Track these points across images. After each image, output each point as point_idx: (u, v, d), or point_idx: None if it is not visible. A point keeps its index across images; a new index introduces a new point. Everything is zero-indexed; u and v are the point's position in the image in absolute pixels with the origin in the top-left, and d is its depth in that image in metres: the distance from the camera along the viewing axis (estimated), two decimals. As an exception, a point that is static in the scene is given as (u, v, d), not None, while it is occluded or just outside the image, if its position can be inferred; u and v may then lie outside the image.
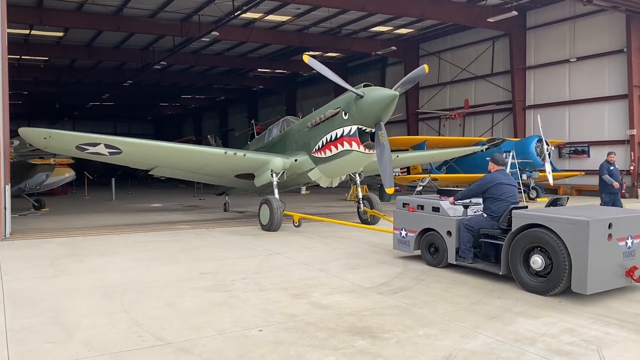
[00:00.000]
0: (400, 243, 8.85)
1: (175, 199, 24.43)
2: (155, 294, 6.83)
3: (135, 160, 12.95)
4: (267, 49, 34.39)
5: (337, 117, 11.59)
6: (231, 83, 45.44)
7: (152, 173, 13.89)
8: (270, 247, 10.30)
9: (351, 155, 11.50)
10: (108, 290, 7.00)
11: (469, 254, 7.74)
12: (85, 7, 23.89)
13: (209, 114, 63.77)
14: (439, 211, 8.16)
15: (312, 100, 43.04)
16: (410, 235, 8.60)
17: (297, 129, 13.38)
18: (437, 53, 31.73)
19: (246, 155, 12.98)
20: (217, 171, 13.76)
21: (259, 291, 6.93)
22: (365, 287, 7.15)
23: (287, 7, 24.78)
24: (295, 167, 12.93)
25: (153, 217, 16.39)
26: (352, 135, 11.16)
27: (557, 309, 6.13)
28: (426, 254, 8.42)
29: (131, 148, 12.11)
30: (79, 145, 11.45)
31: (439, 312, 6.01)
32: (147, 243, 10.93)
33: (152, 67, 33.10)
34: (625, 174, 22.83)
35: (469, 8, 24.77)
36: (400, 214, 8.86)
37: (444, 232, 8.02)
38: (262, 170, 13.15)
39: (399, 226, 8.84)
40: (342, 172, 12.89)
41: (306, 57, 11.23)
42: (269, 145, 14.82)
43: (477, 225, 7.72)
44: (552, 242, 6.44)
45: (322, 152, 12.08)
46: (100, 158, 12.34)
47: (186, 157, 12.99)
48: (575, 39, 24.75)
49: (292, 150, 13.27)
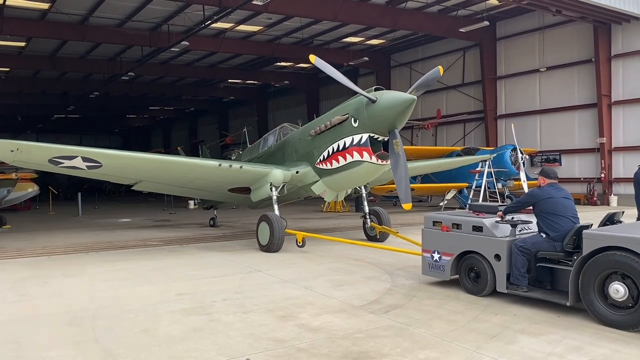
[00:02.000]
0: (431, 268, 7.59)
1: (144, 214, 23.63)
2: (129, 319, 6.29)
3: (116, 175, 11.57)
4: (238, 59, 33.97)
5: (345, 125, 10.39)
6: (201, 94, 44.81)
7: (136, 188, 12.51)
8: (250, 264, 9.82)
9: (362, 167, 10.30)
10: (76, 316, 6.43)
11: (523, 281, 6.60)
12: (48, 15, 23.07)
13: (178, 126, 62.82)
14: (482, 231, 6.99)
15: (284, 111, 42.80)
16: (446, 259, 7.38)
17: (298, 138, 12.04)
18: (408, 64, 31.84)
19: (243, 167, 11.63)
20: (209, 185, 12.49)
21: (242, 313, 6.46)
22: (355, 305, 6.75)
23: (259, 17, 24.48)
24: (296, 180, 11.72)
25: (122, 233, 15.67)
26: (363, 145, 10.03)
27: (558, 325, 5.85)
28: (466, 281, 7.24)
29: (112, 161, 10.67)
30: (53, 159, 10.01)
31: (436, 332, 5.66)
32: (118, 262, 10.31)
33: (120, 78, 32.27)
34: (596, 182, 23.17)
35: (441, 19, 24.89)
36: (430, 234, 7.63)
37: (490, 256, 6.85)
38: (259, 183, 11.93)
39: (429, 248, 7.60)
40: (350, 185, 11.76)
41: (313, 57, 10.22)
42: (265, 155, 13.48)
43: (535, 247, 6.62)
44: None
45: (328, 163, 10.86)
46: (76, 172, 10.96)
47: (174, 170, 11.57)
48: (544, 49, 25.10)
49: (292, 161, 11.99)
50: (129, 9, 23.08)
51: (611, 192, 22.87)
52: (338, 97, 37.62)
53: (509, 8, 24.28)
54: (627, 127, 22.61)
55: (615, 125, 22.90)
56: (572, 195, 7.23)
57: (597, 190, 23.12)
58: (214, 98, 47.74)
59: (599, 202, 22.74)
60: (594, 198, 22.97)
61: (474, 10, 24.36)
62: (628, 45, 22.49)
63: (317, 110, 37.72)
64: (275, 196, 11.65)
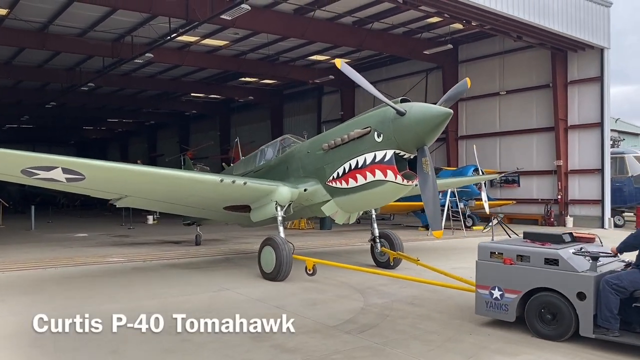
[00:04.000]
0: (490, 307, 6.51)
1: (101, 228, 22.89)
2: (95, 339, 6.00)
3: (99, 189, 10.16)
4: (202, 73, 33.61)
5: (366, 139, 9.22)
6: (162, 107, 44.05)
7: (120, 204, 10.97)
8: (218, 282, 9.60)
9: (385, 187, 9.14)
10: (37, 337, 6.07)
11: (614, 324, 5.74)
12: (6, 22, 22.26)
13: (136, 139, 61.50)
14: (558, 264, 6.07)
15: (247, 126, 42.55)
16: (510, 297, 6.34)
17: (306, 151, 10.77)
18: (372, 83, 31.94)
19: (247, 183, 10.25)
20: (204, 202, 11.11)
21: (214, 333, 6.23)
22: (329, 325, 6.66)
23: (225, 32, 24.31)
24: (302, 199, 10.50)
25: (80, 248, 15.09)
26: (387, 163, 8.90)
27: (533, 345, 5.91)
28: (537, 323, 6.18)
29: (98, 173, 9.17)
30: (27, 169, 8.53)
31: (413, 352, 5.63)
32: (78, 279, 9.91)
33: (79, 88, 31.38)
34: (553, 203, 23.88)
35: (406, 40, 25.32)
36: (488, 267, 6.58)
37: (572, 294, 5.90)
38: (262, 201, 10.59)
39: (487, 284, 6.54)
40: (368, 206, 10.68)
41: (339, 62, 9.29)
42: (264, 169, 12.07)
43: (633, 285, 5.76)
44: None
45: (343, 181, 9.68)
46: (51, 185, 9.55)
47: (169, 185, 10.09)
48: (505, 72, 25.88)
49: (297, 177, 10.75)
50: (92, 19, 22.51)
51: (567, 213, 23.58)
52: (302, 114, 37.80)
53: (472, 32, 24.93)
54: (582, 150, 23.43)
55: (571, 148, 23.71)
56: (529, 216, 7.17)
57: (554, 212, 23.79)
58: (175, 111, 47.01)
59: (555, 223, 23.38)
60: (551, 219, 23.61)
61: (437, 34, 24.91)
62: (583, 72, 23.43)
63: (281, 127, 37.70)
64: (281, 216, 10.40)
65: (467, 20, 20.45)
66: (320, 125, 36.05)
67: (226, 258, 13.03)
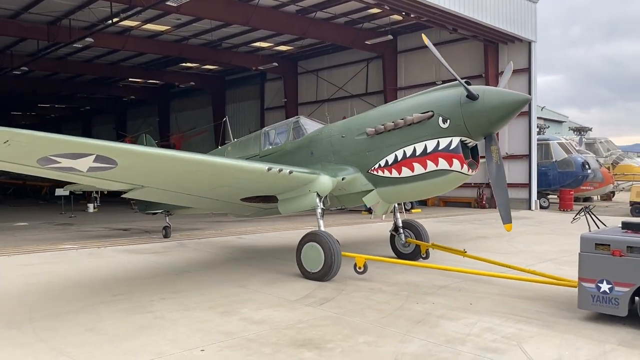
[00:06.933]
0: (597, 301, 6.15)
1: (41, 217, 22.28)
2: (69, 319, 6.30)
3: (122, 180, 8.24)
4: (140, 58, 33.04)
5: (428, 124, 8.38)
6: (98, 92, 42.88)
7: (131, 196, 9.22)
8: (178, 266, 9.95)
9: (447, 178, 8.35)
10: (12, 319, 6.31)
11: None
12: None
13: (70, 125, 59.40)
14: None
15: (188, 112, 42.16)
16: (620, 291, 5.99)
17: (340, 135, 9.53)
18: (315, 71, 32.79)
19: (292, 172, 8.79)
20: (231, 192, 9.41)
21: (184, 311, 6.70)
22: (291, 300, 7.24)
23: (168, 17, 24.12)
24: (336, 188, 9.33)
25: (26, 236, 14.84)
26: (454, 151, 8.17)
27: (472, 311, 6.72)
28: None
29: (134, 161, 7.38)
30: (49, 157, 6.59)
31: (369, 320, 6.30)
32: (36, 265, 9.96)
33: (10, 72, 30.11)
34: (485, 187, 25.42)
35: (347, 30, 26.03)
36: (594, 259, 6.20)
37: None
38: (298, 192, 9.29)
39: (593, 277, 6.18)
40: (416, 197, 9.87)
41: (425, 37, 8.90)
42: (276, 153, 10.40)
43: None
44: None
45: (394, 170, 8.71)
46: (60, 176, 7.64)
47: (210, 175, 8.40)
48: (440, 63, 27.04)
49: (327, 163, 9.56)
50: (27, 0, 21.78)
51: (497, 196, 25.18)
52: (245, 100, 37.86)
53: (410, 23, 25.89)
54: (512, 137, 25.06)
55: (502, 135, 25.25)
56: (463, 199, 7.59)
57: (486, 195, 25.36)
58: (111, 97, 45.80)
59: (487, 206, 24.96)
60: (483, 202, 25.17)
61: (377, 24, 25.78)
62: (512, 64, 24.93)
63: (223, 113, 37.60)
64: (321, 208, 9.20)
65: (407, 12, 21.33)
66: (264, 112, 36.38)
67: (181, 245, 13.28)
